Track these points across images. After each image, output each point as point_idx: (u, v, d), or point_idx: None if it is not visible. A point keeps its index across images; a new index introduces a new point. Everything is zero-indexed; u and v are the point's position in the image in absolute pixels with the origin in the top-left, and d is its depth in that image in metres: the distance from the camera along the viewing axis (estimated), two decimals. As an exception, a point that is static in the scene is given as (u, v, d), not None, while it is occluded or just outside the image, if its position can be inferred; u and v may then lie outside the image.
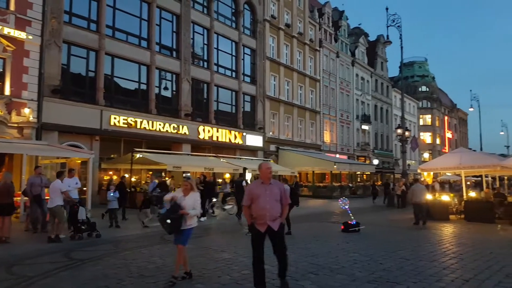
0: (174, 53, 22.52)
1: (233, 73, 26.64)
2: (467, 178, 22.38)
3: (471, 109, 44.71)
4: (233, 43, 26.65)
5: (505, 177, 21.98)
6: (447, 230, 12.12)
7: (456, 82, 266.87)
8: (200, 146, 23.09)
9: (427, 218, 13.61)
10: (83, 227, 9.67)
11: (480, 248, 8.71)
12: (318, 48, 36.49)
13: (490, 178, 22.61)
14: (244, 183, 17.10)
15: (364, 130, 44.45)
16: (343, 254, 7.97)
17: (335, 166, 29.42)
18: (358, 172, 38.93)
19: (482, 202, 14.96)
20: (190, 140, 22.32)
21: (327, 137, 37.59)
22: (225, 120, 25.50)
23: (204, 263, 7.00)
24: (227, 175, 23.36)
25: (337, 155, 37.32)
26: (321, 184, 31.57)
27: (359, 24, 49.27)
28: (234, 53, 26.74)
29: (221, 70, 25.57)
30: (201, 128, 23.10)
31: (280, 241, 5.25)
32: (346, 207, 12.13)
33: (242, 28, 27.23)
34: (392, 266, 6.87)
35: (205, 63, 24.65)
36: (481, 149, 41.67)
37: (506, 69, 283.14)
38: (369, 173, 40.02)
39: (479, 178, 22.06)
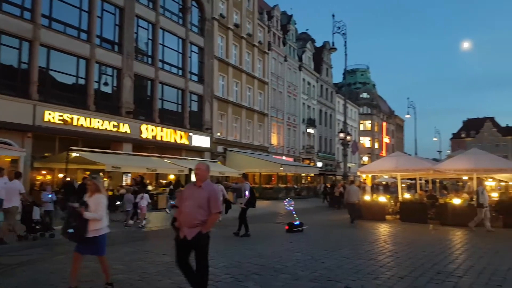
0: (116, 47, 21.46)
1: (180, 71, 25.93)
2: (402, 181, 23.71)
3: (407, 116, 47.49)
4: (180, 40, 25.96)
5: (437, 180, 23.60)
6: (384, 230, 12.71)
7: (395, 90, 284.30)
8: (142, 146, 22.14)
9: (358, 218, 14.82)
10: (37, 227, 9.61)
11: (414, 247, 9.18)
12: (267, 51, 36.84)
13: (423, 181, 24.13)
14: None
15: (309, 134, 45.64)
16: (287, 254, 8.06)
17: (281, 168, 29.86)
18: (303, 174, 39.96)
19: (416, 204, 15.79)
20: (132, 139, 21.36)
21: (274, 140, 38.06)
22: (170, 119, 24.70)
23: (145, 267, 6.75)
24: (172, 176, 22.75)
25: (284, 157, 37.89)
26: (267, 186, 31.94)
27: (306, 30, 50.56)
28: (180, 50, 26.04)
29: (166, 67, 24.77)
30: (143, 127, 22.19)
31: (199, 255, 4.55)
32: (291, 208, 12.36)
33: (189, 25, 26.64)
34: (333, 264, 7.04)
35: (149, 59, 23.73)
36: (415, 153, 44.47)
37: (441, 78, 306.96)
38: (313, 175, 41.25)
39: (413, 181, 23.46)
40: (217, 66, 29.22)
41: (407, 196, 18.20)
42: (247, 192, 10.85)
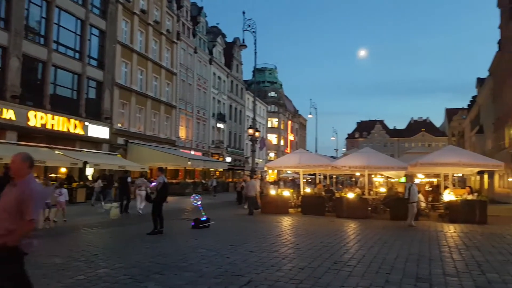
0: (2, 23, 18.73)
1: (77, 54, 23.62)
2: (304, 176, 25.03)
3: (310, 116, 50.53)
4: (79, 21, 23.66)
5: (334, 176, 25.47)
6: (287, 223, 13.20)
7: (299, 91, 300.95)
8: (29, 135, 19.70)
9: (256, 209, 16.27)
10: None
11: (313, 238, 9.66)
12: (175, 41, 35.66)
13: (322, 176, 25.81)
14: (129, 180, 15.88)
15: (219, 128, 45.66)
16: (191, 251, 7.84)
17: (189, 163, 29.23)
18: (212, 169, 39.79)
19: (315, 197, 16.81)
20: (17, 127, 18.89)
21: (182, 133, 37.15)
22: (64, 106, 22.33)
23: (30, 270, 5.85)
24: (63, 169, 20.71)
25: (192, 152, 37.28)
26: (173, 181, 30.93)
27: (217, 24, 50.28)
28: (79, 32, 23.77)
29: (61, 49, 22.36)
30: (31, 113, 19.74)
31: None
32: (198, 203, 12.08)
33: (90, 6, 24.46)
34: (238, 259, 7.02)
35: (42, 39, 21.19)
36: (316, 151, 47.48)
37: (340, 82, 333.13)
38: (222, 170, 41.34)
39: (314, 176, 24.96)
40: (120, 52, 27.36)
41: (307, 190, 19.23)
42: (153, 183, 10.31)
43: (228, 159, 45.87)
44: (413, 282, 5.64)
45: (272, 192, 17.44)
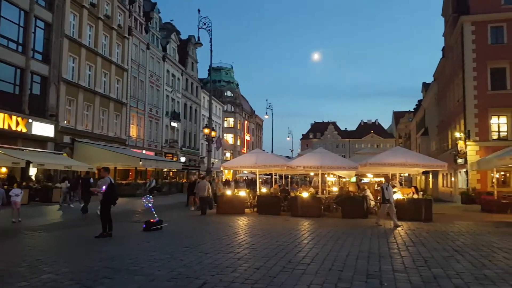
0: None
1: (20, 47, 22.16)
2: (260, 176, 25.16)
3: (266, 117, 51.06)
4: (22, 12, 22.22)
5: (289, 176, 25.86)
6: (242, 223, 13.16)
7: (255, 91, 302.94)
8: (-33, 132, 18.25)
9: (208, 209, 16.32)
10: None
11: (269, 238, 9.68)
12: (127, 36, 34.47)
13: (277, 176, 26.09)
14: (91, 180, 15.23)
15: (173, 127, 44.73)
16: (143, 254, 7.56)
17: (140, 163, 28.35)
18: (165, 169, 38.83)
19: (271, 197, 16.93)
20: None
21: (133, 132, 35.97)
22: (5, 102, 20.89)
23: None
24: (4, 169, 19.33)
25: (144, 151, 36.22)
26: (123, 182, 29.83)
27: (171, 20, 49.22)
28: (22, 24, 22.28)
29: (2, 41, 20.90)
30: (-31, 109, 18.28)
31: None
32: (150, 205, 11.68)
33: (35, -4, 23.10)
34: (192, 261, 6.86)
35: (-19, 30, 19.72)
36: (272, 151, 47.96)
37: (295, 84, 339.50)
38: (176, 170, 40.46)
39: (269, 176, 25.17)
40: (67, 46, 26.02)
41: (263, 190, 19.32)
42: (104, 187, 9.84)
43: (183, 159, 45.06)
44: (364, 279, 5.79)
45: (228, 192, 17.35)
